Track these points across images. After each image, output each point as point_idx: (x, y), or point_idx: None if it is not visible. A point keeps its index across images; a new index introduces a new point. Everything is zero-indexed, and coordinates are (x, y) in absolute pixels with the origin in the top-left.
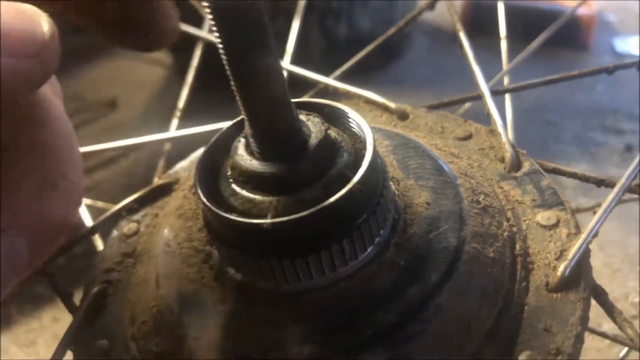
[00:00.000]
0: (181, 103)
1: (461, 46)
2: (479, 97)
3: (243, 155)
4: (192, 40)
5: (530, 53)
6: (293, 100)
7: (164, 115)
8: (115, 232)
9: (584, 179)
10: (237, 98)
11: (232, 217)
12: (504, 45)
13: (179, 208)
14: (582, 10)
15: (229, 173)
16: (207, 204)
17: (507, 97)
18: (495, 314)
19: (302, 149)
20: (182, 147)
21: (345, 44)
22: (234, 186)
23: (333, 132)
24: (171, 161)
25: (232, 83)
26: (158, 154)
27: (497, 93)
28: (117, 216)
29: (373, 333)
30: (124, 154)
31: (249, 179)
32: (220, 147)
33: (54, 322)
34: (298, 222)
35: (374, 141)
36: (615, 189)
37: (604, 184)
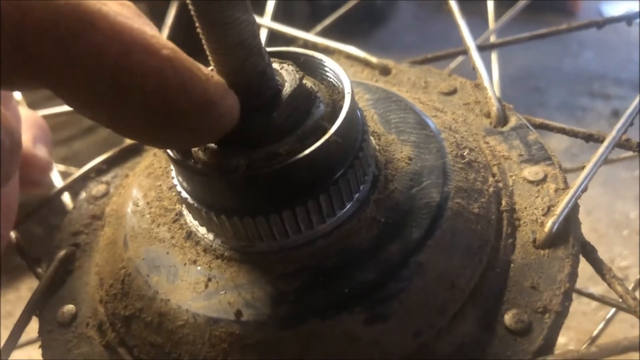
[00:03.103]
0: None
1: (446, 2)
2: (465, 52)
3: None
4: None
5: (517, 12)
6: (268, 49)
7: None
8: (83, 194)
9: (572, 133)
10: (203, 41)
11: (202, 169)
12: (490, 5)
13: (149, 167)
14: None
15: None
16: (174, 156)
17: (494, 55)
18: (479, 272)
19: (274, 99)
20: None
21: (330, 10)
22: None
23: (309, 82)
24: None
25: (197, 25)
26: None
27: (483, 48)
28: (86, 178)
29: (351, 292)
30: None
31: None
32: None
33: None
34: (271, 175)
35: (352, 90)
36: (605, 143)
37: (593, 138)
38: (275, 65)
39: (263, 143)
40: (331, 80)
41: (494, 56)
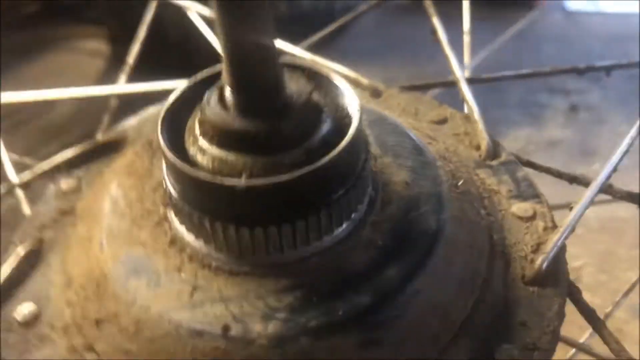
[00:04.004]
0: (131, 58)
1: (434, 32)
2: (453, 83)
3: (217, 108)
4: (130, 29)
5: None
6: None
7: (99, 112)
8: (51, 188)
9: (557, 175)
10: (220, 40)
11: (202, 175)
12: (466, 39)
13: (130, 165)
14: None
15: (197, 127)
16: (171, 157)
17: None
18: (471, 303)
19: (284, 108)
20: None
21: (287, 23)
22: (202, 142)
23: (317, 95)
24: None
25: (217, 23)
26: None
27: (472, 82)
28: (54, 171)
29: (346, 314)
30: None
31: (222, 135)
32: (185, 103)
33: None
34: (275, 187)
35: (360, 109)
36: (590, 189)
37: (577, 181)
38: (286, 75)
39: (267, 151)
40: (335, 97)
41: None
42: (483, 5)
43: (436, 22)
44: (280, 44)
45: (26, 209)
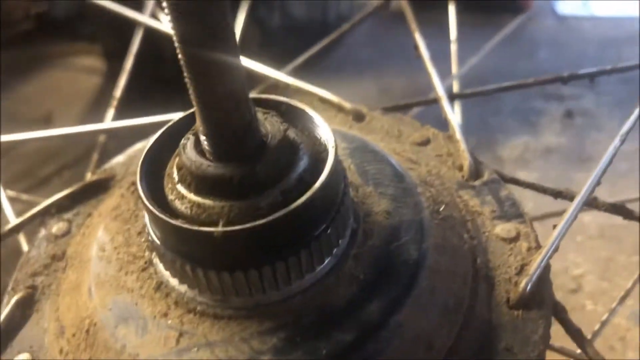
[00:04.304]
0: (118, 91)
1: (416, 47)
2: (436, 100)
3: (193, 155)
4: (125, 46)
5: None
6: (250, 96)
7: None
8: (43, 232)
9: (542, 190)
10: (190, 90)
11: (180, 224)
12: (454, 48)
13: (116, 208)
14: None
15: (175, 173)
16: (152, 209)
17: (457, 105)
18: (456, 331)
19: (258, 150)
20: (119, 141)
21: (281, 33)
22: (180, 188)
23: (292, 133)
24: (108, 156)
25: (185, 74)
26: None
27: (454, 97)
28: (46, 214)
29: (329, 353)
30: (57, 173)
31: (199, 181)
32: (166, 144)
33: None
34: (252, 232)
35: (336, 144)
36: (573, 204)
37: (561, 196)
38: (260, 115)
39: (244, 195)
40: (313, 130)
41: (457, 107)
42: (475, 11)
43: (418, 37)
44: (263, 69)
45: (25, 247)
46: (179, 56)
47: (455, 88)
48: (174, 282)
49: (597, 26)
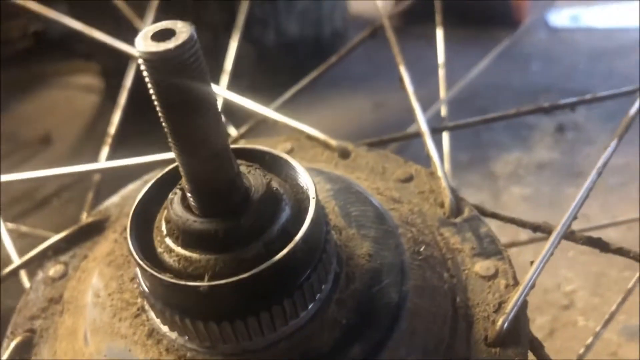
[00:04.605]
0: (112, 128)
1: (401, 80)
2: (419, 135)
3: (179, 210)
4: (122, 64)
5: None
6: (233, 146)
7: (96, 146)
8: (40, 274)
9: (521, 224)
10: (173, 152)
11: (167, 278)
12: (441, 72)
13: (110, 254)
14: None
15: (163, 226)
16: (141, 263)
17: (445, 136)
18: None
19: (242, 204)
20: (113, 178)
21: (275, 51)
22: (168, 241)
23: (275, 183)
24: (101, 193)
25: (169, 139)
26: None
27: (437, 131)
28: (44, 256)
29: None
30: (55, 194)
31: (185, 236)
32: (154, 196)
33: None
34: (237, 285)
35: (317, 195)
36: (550, 241)
37: (540, 230)
38: (243, 169)
39: (229, 248)
40: (295, 178)
41: (445, 138)
42: (468, 25)
43: (403, 70)
44: (252, 105)
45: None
46: (161, 120)
47: (443, 112)
48: (165, 329)
49: (588, 38)
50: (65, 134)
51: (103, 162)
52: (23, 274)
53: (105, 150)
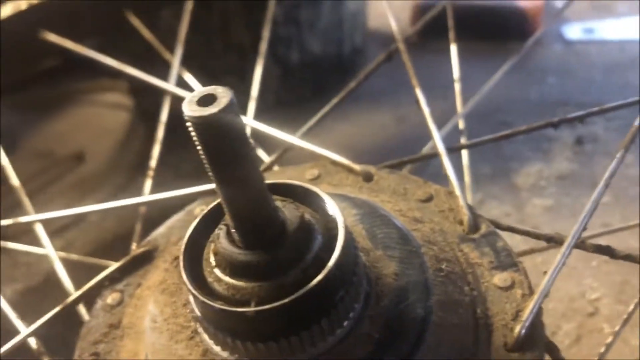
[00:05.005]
0: (153, 162)
1: (418, 102)
2: (436, 155)
3: (225, 244)
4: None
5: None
6: (268, 182)
7: (129, 164)
8: (99, 302)
9: (535, 236)
10: (221, 198)
11: (219, 305)
12: (457, 87)
13: (162, 282)
14: (528, 2)
15: (212, 258)
16: (196, 294)
17: (464, 154)
18: None
19: (280, 237)
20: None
21: (299, 68)
22: (217, 272)
23: (307, 215)
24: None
25: (216, 187)
26: (126, 206)
27: (453, 150)
28: (100, 286)
29: None
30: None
31: (232, 266)
32: (201, 231)
33: None
34: (280, 309)
35: (345, 224)
36: (562, 250)
37: (553, 240)
38: (278, 203)
39: (271, 276)
40: (324, 209)
41: (464, 154)
42: (482, 38)
43: (419, 93)
44: (279, 134)
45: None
46: (208, 171)
47: (461, 125)
48: (217, 349)
49: (602, 50)
50: (98, 151)
51: (147, 195)
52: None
53: (148, 183)
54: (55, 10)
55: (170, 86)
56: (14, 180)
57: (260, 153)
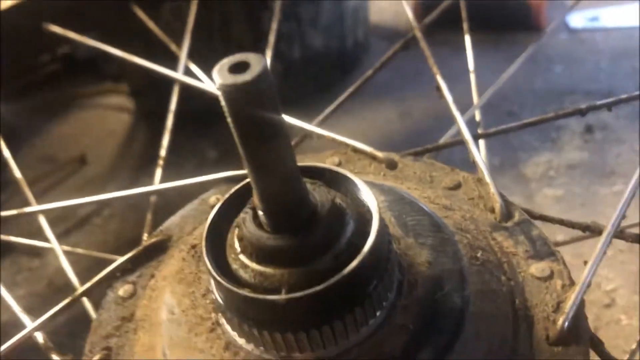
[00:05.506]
0: (163, 151)
1: (439, 89)
2: (462, 142)
3: (252, 228)
4: (151, 84)
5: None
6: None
7: (131, 167)
8: (110, 295)
9: (570, 225)
10: (250, 177)
11: (247, 293)
12: (473, 78)
13: (179, 272)
14: None
15: (236, 244)
16: (223, 282)
17: (482, 144)
18: None
19: (311, 220)
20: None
21: (301, 65)
22: (242, 258)
23: (338, 199)
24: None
25: (246, 164)
26: (130, 208)
27: (479, 137)
28: (112, 277)
29: None
30: (96, 211)
31: (259, 252)
32: (222, 216)
33: None
34: (312, 297)
35: (379, 210)
36: (601, 240)
37: (590, 229)
38: (309, 186)
39: (302, 262)
40: (354, 192)
41: (482, 145)
42: (488, 29)
43: (440, 80)
44: (295, 122)
45: (92, 314)
46: (240, 151)
47: (478, 117)
48: (241, 341)
49: (608, 38)
50: (101, 154)
51: (158, 184)
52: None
53: (158, 172)
54: (57, 2)
55: (178, 75)
56: (17, 173)
57: None
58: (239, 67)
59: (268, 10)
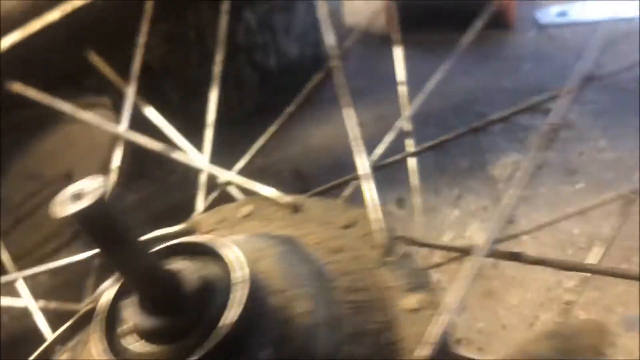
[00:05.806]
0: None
1: (346, 122)
2: (357, 178)
3: (134, 311)
4: None
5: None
6: (168, 244)
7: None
8: None
9: (449, 249)
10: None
11: None
12: (401, 89)
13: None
14: None
15: (125, 325)
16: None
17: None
18: None
19: (180, 300)
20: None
21: (278, 73)
22: (129, 338)
23: (209, 273)
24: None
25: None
26: None
27: (412, 155)
28: (56, 346)
29: None
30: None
31: (142, 332)
32: (122, 295)
33: None
34: None
35: (246, 280)
36: (471, 262)
37: (467, 252)
38: (179, 264)
39: (175, 339)
40: (232, 260)
41: (412, 163)
42: (457, 29)
43: (349, 113)
44: (215, 170)
45: None
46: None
47: (407, 127)
48: None
49: (576, 33)
50: (86, 169)
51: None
52: None
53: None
54: (13, 58)
55: (121, 129)
56: None
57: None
58: (77, 196)
59: (242, 22)
